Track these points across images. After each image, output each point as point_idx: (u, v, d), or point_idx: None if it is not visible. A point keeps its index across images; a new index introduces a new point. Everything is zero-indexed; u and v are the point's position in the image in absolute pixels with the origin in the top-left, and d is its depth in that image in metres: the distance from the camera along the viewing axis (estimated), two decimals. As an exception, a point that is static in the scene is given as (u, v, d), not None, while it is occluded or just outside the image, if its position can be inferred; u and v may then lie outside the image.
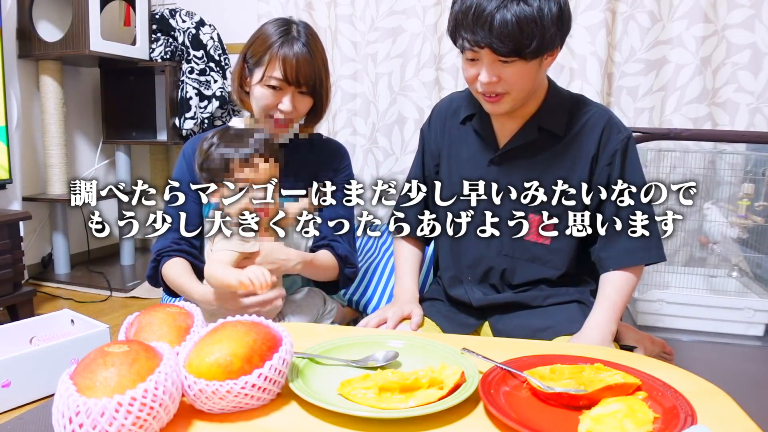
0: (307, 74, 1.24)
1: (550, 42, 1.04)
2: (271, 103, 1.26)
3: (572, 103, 1.19)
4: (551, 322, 1.16)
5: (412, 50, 2.37)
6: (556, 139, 1.17)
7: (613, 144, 1.16)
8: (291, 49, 1.23)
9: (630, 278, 1.15)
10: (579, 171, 1.17)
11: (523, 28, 1.00)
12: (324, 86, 1.30)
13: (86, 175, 3.12)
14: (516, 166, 1.19)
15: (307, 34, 1.27)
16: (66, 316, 1.92)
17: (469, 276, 1.26)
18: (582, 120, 1.18)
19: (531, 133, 1.17)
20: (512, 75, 1.07)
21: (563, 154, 1.17)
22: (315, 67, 1.26)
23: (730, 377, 1.10)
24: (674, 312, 2.01)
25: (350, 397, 0.71)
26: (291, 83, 1.24)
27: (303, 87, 1.26)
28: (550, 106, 1.18)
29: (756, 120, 2.09)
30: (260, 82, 1.26)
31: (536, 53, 1.04)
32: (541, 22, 1.01)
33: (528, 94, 1.12)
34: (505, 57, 1.04)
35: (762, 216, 2.00)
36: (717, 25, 2.08)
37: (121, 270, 2.99)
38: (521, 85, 1.09)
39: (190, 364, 0.68)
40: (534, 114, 1.17)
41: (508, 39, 1.01)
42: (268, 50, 1.24)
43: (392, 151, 2.47)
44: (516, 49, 1.02)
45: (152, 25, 2.85)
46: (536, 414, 0.69)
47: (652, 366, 0.82)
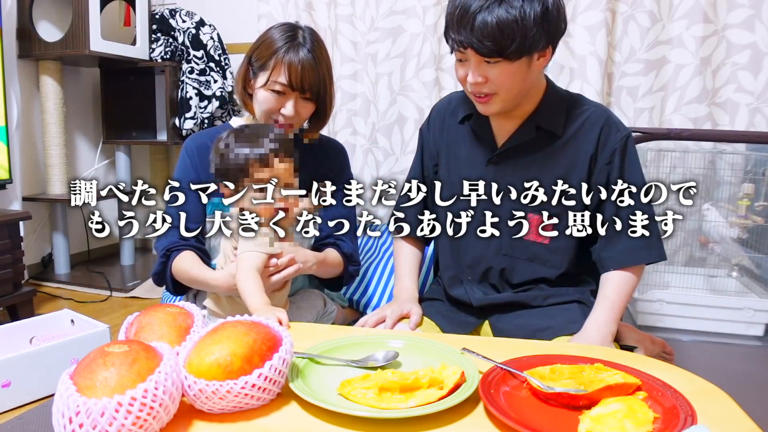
0: (311, 80, 1.25)
1: (533, 43, 1.05)
2: (274, 108, 1.27)
3: (570, 103, 1.20)
4: (551, 322, 1.16)
5: (412, 50, 2.37)
6: (554, 139, 1.18)
7: (612, 143, 1.16)
8: (297, 55, 1.23)
9: (630, 278, 1.15)
10: (578, 170, 1.17)
11: (503, 29, 1.01)
12: (328, 93, 1.31)
13: (86, 175, 3.12)
14: (514, 165, 1.19)
15: (313, 40, 1.27)
16: (66, 316, 1.92)
17: (469, 276, 1.26)
18: (580, 119, 1.18)
19: (529, 133, 1.17)
20: (498, 75, 1.08)
21: (562, 154, 1.17)
22: (319, 73, 1.26)
23: (730, 377, 1.10)
24: (674, 312, 2.01)
25: (350, 397, 0.71)
26: (295, 89, 1.25)
27: (307, 93, 1.26)
28: (548, 106, 1.18)
29: (756, 120, 2.09)
30: (264, 86, 1.26)
31: (518, 54, 1.05)
32: (522, 23, 1.02)
33: (518, 94, 1.13)
34: (488, 57, 1.05)
35: (762, 216, 2.00)
36: (717, 25, 2.08)
37: (121, 270, 2.99)
38: (508, 86, 1.09)
39: (190, 364, 0.68)
40: (532, 113, 1.18)
41: (488, 40, 1.02)
42: (273, 55, 1.24)
43: (392, 151, 2.47)
44: (497, 50, 1.04)
45: (152, 25, 2.85)
46: (536, 414, 0.69)
47: (652, 366, 0.82)
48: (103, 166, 3.20)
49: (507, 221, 1.19)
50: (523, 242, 1.20)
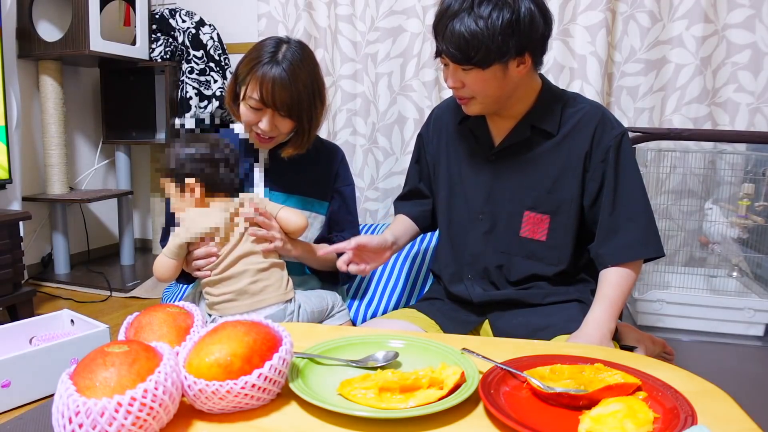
0: (283, 98, 1.25)
1: (501, 52, 1.06)
2: (252, 121, 1.29)
3: (565, 102, 1.21)
4: (551, 321, 1.17)
5: (412, 50, 2.37)
6: (549, 137, 1.19)
7: (607, 140, 1.17)
8: (269, 72, 1.24)
9: (629, 274, 1.16)
10: (573, 168, 1.18)
11: (468, 39, 1.05)
12: (305, 110, 1.29)
13: (86, 175, 3.12)
14: (511, 163, 1.21)
15: (293, 58, 1.26)
16: (66, 316, 1.92)
17: (469, 273, 1.27)
18: (575, 118, 1.19)
19: (524, 132, 1.19)
20: (473, 82, 1.11)
21: (557, 152, 1.19)
22: (294, 91, 1.25)
23: (730, 377, 1.10)
24: (674, 312, 2.01)
25: (350, 397, 0.71)
26: (267, 105, 1.25)
27: (281, 111, 1.27)
28: (543, 105, 1.19)
29: (756, 120, 2.09)
30: (243, 100, 1.28)
31: (486, 62, 1.07)
32: (487, 32, 1.04)
33: (497, 99, 1.14)
34: (460, 65, 1.09)
35: (762, 216, 2.00)
36: (717, 25, 2.08)
37: (121, 270, 2.99)
38: (485, 92, 1.12)
39: (190, 364, 0.68)
40: (526, 113, 1.19)
41: (456, 49, 1.06)
42: (251, 70, 1.25)
43: (392, 151, 2.47)
44: (465, 58, 1.07)
45: (152, 25, 2.85)
46: (536, 414, 0.69)
47: (652, 366, 0.82)
48: (103, 166, 3.20)
49: (504, 219, 1.22)
50: (521, 239, 1.21)
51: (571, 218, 1.19)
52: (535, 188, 1.19)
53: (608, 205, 1.16)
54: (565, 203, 1.19)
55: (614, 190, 1.16)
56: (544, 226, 1.20)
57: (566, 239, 1.20)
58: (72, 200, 2.73)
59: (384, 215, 2.52)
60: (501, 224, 1.22)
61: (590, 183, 1.18)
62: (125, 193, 3.02)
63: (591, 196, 1.18)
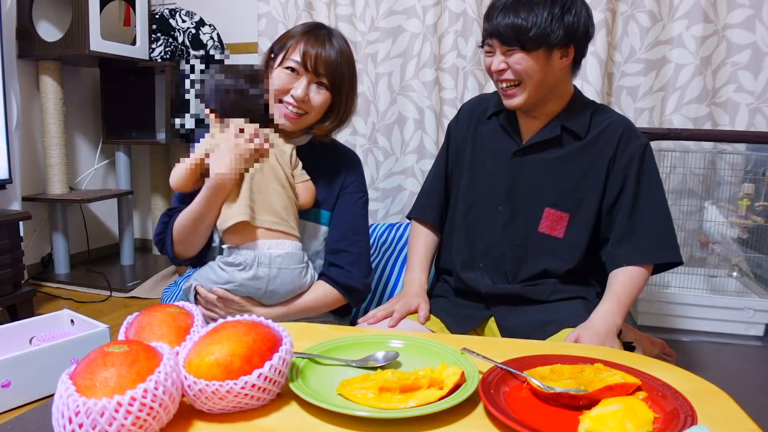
0: (326, 64, 1.22)
1: (549, 36, 1.12)
2: (286, 85, 1.23)
3: (594, 110, 1.26)
4: (557, 316, 1.19)
5: (412, 50, 2.37)
6: (577, 139, 1.23)
7: (632, 149, 1.21)
8: (315, 38, 1.23)
9: (639, 277, 1.17)
10: (597, 170, 1.21)
11: (524, 18, 1.12)
12: (346, 86, 1.27)
13: (86, 175, 3.12)
14: (537, 160, 1.24)
15: (339, 36, 1.28)
16: (66, 316, 1.92)
17: (481, 262, 1.28)
18: (603, 124, 1.23)
19: (554, 131, 1.23)
20: (518, 62, 1.15)
21: (583, 154, 1.22)
22: (337, 62, 1.23)
23: (730, 377, 1.10)
24: (674, 312, 2.01)
25: (350, 397, 0.71)
26: (308, 69, 1.22)
27: (322, 78, 1.23)
28: (574, 109, 1.24)
29: (756, 120, 2.09)
30: (280, 65, 1.25)
31: (534, 44, 1.12)
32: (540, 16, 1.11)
33: (540, 88, 1.17)
34: (509, 45, 1.14)
35: (762, 216, 2.00)
36: (717, 25, 2.08)
37: (121, 270, 2.99)
38: (529, 74, 1.15)
39: (190, 364, 0.68)
40: (558, 114, 1.23)
41: (509, 28, 1.13)
42: (293, 37, 1.25)
43: (392, 151, 2.47)
44: (516, 37, 1.13)
45: (152, 25, 2.85)
46: (536, 414, 0.69)
47: (653, 366, 0.82)
48: (103, 166, 3.20)
49: (524, 213, 1.25)
50: (538, 234, 1.24)
51: (589, 219, 1.22)
52: (557, 186, 1.22)
53: (627, 210, 1.20)
54: (585, 202, 1.22)
55: (635, 195, 1.20)
56: (563, 223, 1.22)
57: (582, 239, 1.23)
58: (72, 200, 2.73)
59: (384, 215, 2.52)
60: (520, 218, 1.25)
61: (611, 186, 1.21)
62: (125, 193, 3.02)
63: (610, 199, 1.21)
